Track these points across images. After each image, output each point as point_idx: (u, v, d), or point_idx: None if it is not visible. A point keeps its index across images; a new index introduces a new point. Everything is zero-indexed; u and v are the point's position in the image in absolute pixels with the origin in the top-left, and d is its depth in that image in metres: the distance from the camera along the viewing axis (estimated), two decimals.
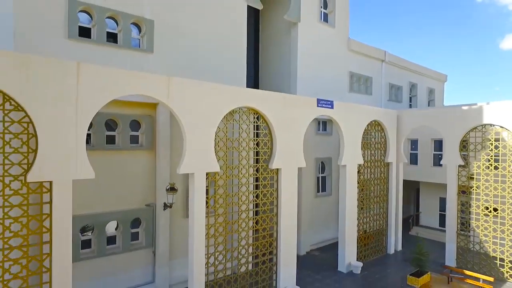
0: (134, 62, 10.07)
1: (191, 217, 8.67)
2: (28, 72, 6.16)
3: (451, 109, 14.12)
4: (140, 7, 10.30)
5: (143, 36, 10.48)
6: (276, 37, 16.34)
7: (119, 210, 9.91)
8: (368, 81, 19.02)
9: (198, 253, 8.58)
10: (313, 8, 15.84)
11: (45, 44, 8.56)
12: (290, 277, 10.78)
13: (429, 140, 17.63)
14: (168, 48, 10.85)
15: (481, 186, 12.79)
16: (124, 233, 10.11)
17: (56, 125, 6.45)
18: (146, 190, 10.46)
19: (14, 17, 8.15)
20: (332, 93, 16.41)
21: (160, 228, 10.49)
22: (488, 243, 12.70)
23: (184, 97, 8.29)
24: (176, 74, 10.25)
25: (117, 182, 9.74)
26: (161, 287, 10.54)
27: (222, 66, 12.21)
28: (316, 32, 15.98)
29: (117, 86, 7.27)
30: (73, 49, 8.98)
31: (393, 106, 20.59)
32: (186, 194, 10.72)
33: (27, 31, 8.34)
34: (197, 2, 11.63)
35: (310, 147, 15.37)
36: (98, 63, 8.96)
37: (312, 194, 15.74)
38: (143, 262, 10.52)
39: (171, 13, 10.94)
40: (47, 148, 6.37)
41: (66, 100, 6.56)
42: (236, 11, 12.80)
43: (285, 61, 15.64)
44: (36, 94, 6.24)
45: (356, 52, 18.10)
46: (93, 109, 6.93)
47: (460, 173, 13.48)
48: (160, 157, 10.47)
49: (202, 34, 11.71)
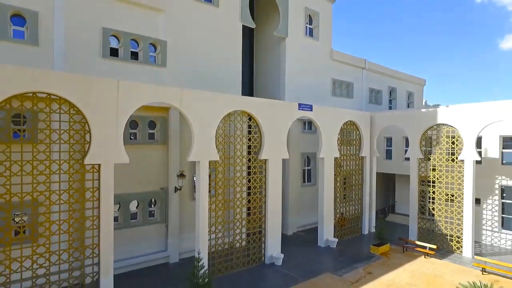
0: (151, 75, 12.72)
1: (197, 194, 11.31)
2: (85, 87, 8.81)
3: (413, 111, 16.80)
4: (156, 31, 12.95)
5: (158, 54, 13.13)
6: (267, 50, 19.00)
7: (139, 192, 12.56)
8: (349, 86, 21.69)
9: (203, 223, 11.22)
10: (299, 25, 18.49)
11: (86, 62, 11.22)
12: (275, 247, 13.43)
13: (401, 138, 20.26)
14: (177, 63, 13.50)
15: (437, 176, 15.45)
16: (143, 210, 12.77)
17: (103, 124, 9.10)
18: (160, 176, 13.11)
19: (65, 42, 10.81)
20: (316, 97, 19.05)
21: (172, 207, 13.14)
22: (441, 222, 15.37)
23: (192, 103, 10.93)
24: (184, 84, 12.93)
25: (138, 169, 12.36)
26: (172, 255, 13.20)
27: (221, 76, 14.86)
28: (302, 45, 18.63)
29: (144, 96, 9.92)
30: (106, 66, 11.64)
31: (374, 108, 23.28)
32: (192, 181, 13.39)
33: (74, 53, 10.99)
34: (201, 25, 14.29)
35: (297, 144, 18.05)
36: (125, 76, 11.64)
37: (299, 184, 18.39)
38: (158, 234, 13.17)
39: (180, 35, 13.59)
40: (97, 140, 9.02)
41: (110, 107, 9.21)
42: (233, 31, 15.46)
43: (275, 70, 18.29)
44: (90, 102, 8.89)
45: (338, 61, 20.77)
46: (128, 113, 9.58)
47: (420, 165, 16.16)
48: (172, 149, 13.12)
49: (205, 50, 14.36)
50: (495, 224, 16.13)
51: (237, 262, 12.50)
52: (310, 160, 19.22)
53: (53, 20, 10.66)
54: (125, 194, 12.12)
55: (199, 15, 14.22)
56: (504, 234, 15.82)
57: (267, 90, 18.70)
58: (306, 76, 18.79)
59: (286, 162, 16.96)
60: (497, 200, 16.02)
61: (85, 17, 11.30)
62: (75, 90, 8.64)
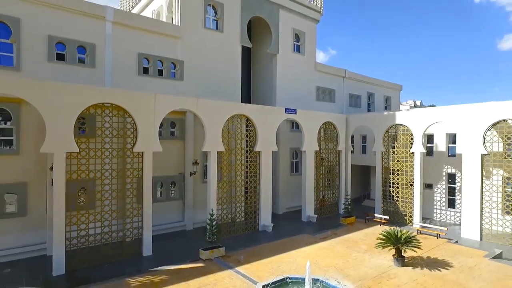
0: (172, 87, 16.79)
1: (208, 176, 15.37)
2: (135, 99, 12.88)
3: (377, 114, 20.89)
4: (175, 53, 17.03)
5: (177, 70, 17.21)
6: (262, 64, 23.08)
7: (163, 175, 16.61)
8: (331, 93, 25.81)
9: (213, 196, 15.26)
10: (288, 43, 22.58)
11: (126, 78, 15.29)
12: (267, 218, 17.52)
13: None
14: (192, 77, 17.57)
15: (396, 166, 19.56)
16: (166, 189, 16.84)
17: (145, 124, 13.16)
18: (179, 164, 17.18)
19: (112, 64, 14.89)
20: (303, 102, 23.13)
21: (187, 188, 17.21)
22: (399, 203, 19.47)
23: (205, 109, 15.00)
24: (197, 93, 17.00)
25: (162, 159, 16.33)
26: (188, 224, 17.28)
27: (225, 86, 18.94)
28: (290, 59, 22.73)
29: (172, 104, 14.00)
30: (140, 81, 15.72)
31: (353, 111, 27.38)
32: (203, 168, 17.47)
33: (118, 72, 15.07)
34: (209, 47, 18.36)
35: (286, 140, 22.13)
36: (153, 88, 15.72)
37: (287, 173, 22.47)
38: (176, 208, 17.24)
39: (193, 55, 17.67)
40: (141, 135, 13.08)
41: (149, 112, 13.27)
42: (234, 51, 19.55)
43: (269, 81, 22.37)
44: (137, 109, 12.96)
45: (321, 71, 24.88)
46: (161, 117, 13.65)
47: (383, 157, 20.26)
48: (188, 143, 17.20)
49: (212, 67, 18.44)
50: (443, 204, 20.23)
51: (237, 228, 16.59)
52: (297, 154, 23.31)
53: (104, 49, 14.75)
54: (154, 177, 16.16)
55: (207, 39, 18.31)
56: (449, 212, 19.93)
57: (262, 97, 22.79)
58: (294, 84, 22.89)
59: (277, 156, 21.02)
60: (444, 185, 20.13)
61: (125, 46, 15.39)
62: (128, 101, 12.73)
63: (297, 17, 23.13)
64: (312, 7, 24.01)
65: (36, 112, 11.26)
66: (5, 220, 12.50)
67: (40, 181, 13.17)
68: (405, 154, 19.21)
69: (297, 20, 23.14)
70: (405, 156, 19.20)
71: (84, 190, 12.94)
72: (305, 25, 23.73)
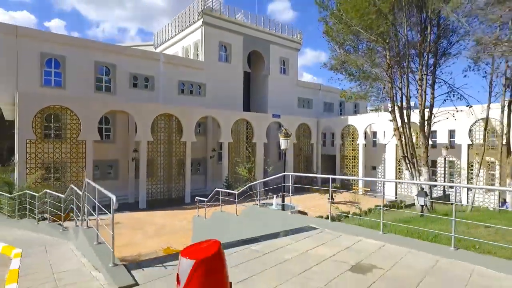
0: (199, 101, 26.01)
1: (222, 158, 24.59)
2: (183, 111, 22.14)
3: (337, 118, 30.08)
4: (200, 78, 26.26)
5: (202, 90, 26.45)
6: (258, 82, 32.28)
7: (193, 158, 25.83)
8: (309, 101, 35.01)
9: (225, 172, 24.45)
10: (276, 67, 31.76)
11: (172, 97, 24.53)
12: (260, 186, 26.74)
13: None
14: (211, 94, 26.80)
15: (348, 154, 28.77)
16: (195, 167, 26.10)
17: (187, 125, 22.39)
18: (202, 151, 26.42)
19: (162, 88, 24.17)
20: (288, 109, 32.27)
21: (208, 166, 26.47)
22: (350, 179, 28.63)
23: (221, 116, 24.21)
24: (215, 105, 26.21)
25: (194, 146, 25.54)
26: (209, 190, 26.51)
27: (232, 99, 28.16)
28: (278, 78, 31.91)
29: (201, 113, 23.24)
30: (180, 98, 24.97)
31: (327, 115, 36.51)
32: (218, 154, 26.77)
33: (167, 93, 24.32)
34: (222, 73, 27.56)
35: (275, 136, 31.31)
36: (187, 103, 24.93)
37: (276, 159, 31.67)
38: (201, 180, 26.49)
39: (212, 79, 26.89)
40: (185, 131, 22.32)
41: (189, 118, 22.51)
42: (238, 74, 28.78)
43: (263, 94, 31.57)
44: (184, 116, 22.20)
45: (302, 86, 34.09)
46: (195, 120, 22.89)
47: (341, 148, 29.45)
48: (208, 138, 26.46)
49: (224, 86, 27.65)
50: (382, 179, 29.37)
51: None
52: None
53: (159, 79, 24.00)
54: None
55: (221, 68, 27.52)
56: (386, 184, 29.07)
57: (258, 106, 31.98)
58: (281, 96, 32.07)
59: (268, 147, 30.15)
60: (382, 166, 29.27)
61: (171, 76, 24.63)
62: (179, 112, 21.97)
63: (283, 48, 32.33)
64: (294, 40, 33.21)
65: (124, 118, 20.51)
66: (107, 181, 21.73)
67: (125, 158, 22.43)
68: (354, 145, 28.38)
69: (283, 51, 32.34)
70: (353, 146, 28.37)
71: (151, 164, 22.20)
72: (289, 53, 32.93)
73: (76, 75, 20.55)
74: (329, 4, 13.47)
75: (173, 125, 22.77)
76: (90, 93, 21.10)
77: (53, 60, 19.84)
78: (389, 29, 12.17)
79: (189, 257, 1.86)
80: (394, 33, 12.56)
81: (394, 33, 12.56)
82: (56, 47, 19.77)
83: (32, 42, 18.89)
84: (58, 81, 20.11)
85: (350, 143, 28.70)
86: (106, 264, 4.05)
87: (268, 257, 4.67)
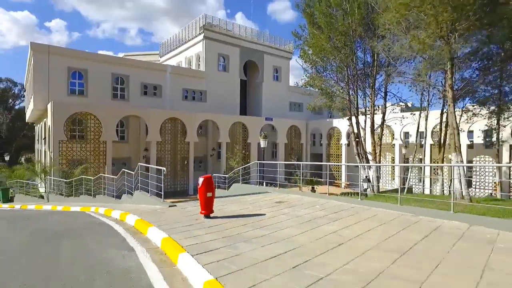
0: (200, 107, 29.63)
1: (221, 156, 28.20)
2: (187, 116, 25.77)
3: (323, 121, 33.67)
4: (201, 86, 29.89)
5: (203, 96, 30.07)
6: (253, 88, 35.91)
7: (195, 156, 29.44)
8: (300, 105, 38.64)
9: (224, 167, 28.06)
10: (270, 74, 35.39)
11: (177, 103, 28.15)
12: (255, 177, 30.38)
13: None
14: (211, 100, 30.42)
15: (332, 152, 32.35)
16: (197, 164, 29.72)
17: (191, 127, 26.01)
18: (203, 149, 30.04)
19: (169, 95, 27.79)
20: (280, 112, 35.88)
21: (209, 163, 30.10)
22: (334, 173, 32.23)
23: (220, 119, 27.82)
24: (214, 110, 29.85)
25: (196, 146, 29.15)
26: None
27: (229, 104, 31.78)
28: (272, 85, 35.52)
29: (202, 117, 26.86)
30: (184, 104, 28.59)
31: (317, 117, 40.08)
32: (217, 152, 30.37)
33: (172, 99, 27.95)
34: (220, 81, 31.18)
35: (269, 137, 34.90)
36: (190, 108, 28.54)
37: (270, 158, 35.27)
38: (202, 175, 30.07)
39: (212, 86, 30.51)
40: (188, 132, 25.95)
41: (192, 122, 26.13)
42: (235, 82, 32.40)
43: (258, 99, 35.20)
44: (188, 120, 25.81)
45: (293, 91, 37.72)
46: (197, 124, 26.51)
47: (327, 148, 33.07)
48: (208, 138, 30.09)
49: (222, 93, 31.27)
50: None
51: None
52: (276, 145, 36.10)
53: (166, 87, 27.63)
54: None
55: (220, 77, 31.14)
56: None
57: (253, 110, 35.60)
58: (274, 101, 35.68)
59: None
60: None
61: (176, 85, 28.25)
62: (185, 117, 25.58)
63: (276, 58, 35.96)
64: (286, 50, 36.85)
65: (136, 122, 24.14)
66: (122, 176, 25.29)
67: (137, 156, 26.05)
68: (338, 145, 32.00)
69: (276, 60, 35.97)
70: (338, 146, 31.99)
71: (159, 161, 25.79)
72: (281, 62, 36.56)
73: (96, 85, 24.17)
74: (303, 34, 17.29)
75: (178, 128, 26.37)
76: (108, 100, 24.73)
77: (77, 72, 23.48)
78: (347, 55, 15.92)
79: (202, 177, 5.57)
80: (351, 58, 16.26)
81: (351, 58, 16.26)
82: (80, 61, 23.40)
83: (61, 58, 22.52)
84: (81, 90, 23.74)
85: (335, 143, 32.32)
86: (159, 201, 7.81)
87: (237, 200, 8.91)
